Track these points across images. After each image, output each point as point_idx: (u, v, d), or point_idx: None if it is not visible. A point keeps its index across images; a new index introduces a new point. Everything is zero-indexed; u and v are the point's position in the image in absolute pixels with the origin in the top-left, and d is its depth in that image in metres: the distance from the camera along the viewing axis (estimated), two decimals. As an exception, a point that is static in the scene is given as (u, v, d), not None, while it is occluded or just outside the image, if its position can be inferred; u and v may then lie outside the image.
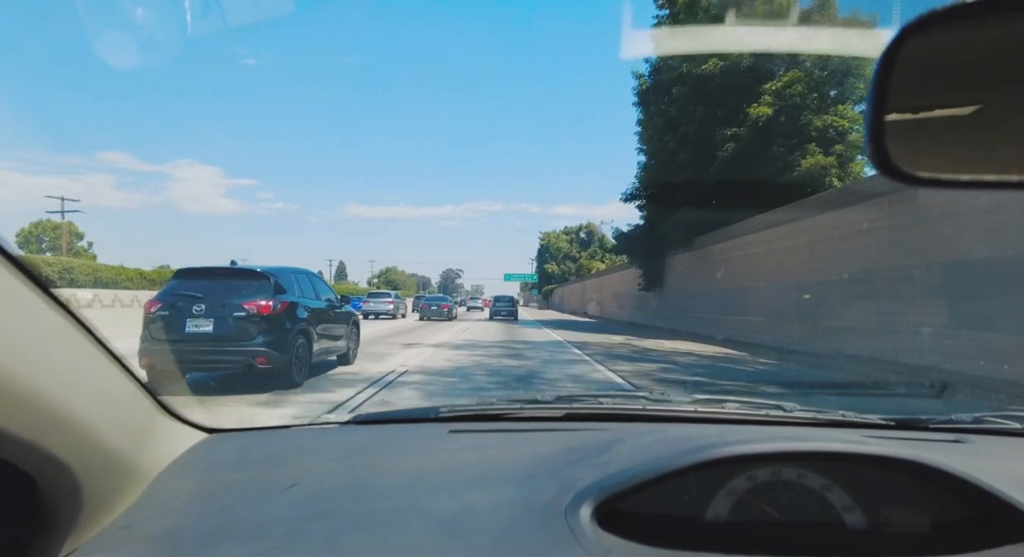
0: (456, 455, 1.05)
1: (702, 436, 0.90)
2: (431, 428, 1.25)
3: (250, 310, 6.34)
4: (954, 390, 7.31)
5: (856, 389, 8.18)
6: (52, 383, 0.64)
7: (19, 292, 0.61)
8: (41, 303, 0.65)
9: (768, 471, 0.85)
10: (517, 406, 1.33)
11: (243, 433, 1.19)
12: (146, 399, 0.91)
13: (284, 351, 6.45)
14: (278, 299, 6.58)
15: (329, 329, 7.86)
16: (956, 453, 1.11)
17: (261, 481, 0.93)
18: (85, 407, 0.70)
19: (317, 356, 7.41)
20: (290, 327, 6.63)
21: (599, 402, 1.37)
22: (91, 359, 0.75)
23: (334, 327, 8.13)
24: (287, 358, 6.49)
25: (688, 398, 1.37)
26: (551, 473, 0.88)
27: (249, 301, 6.38)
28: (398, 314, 29.22)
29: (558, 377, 8.16)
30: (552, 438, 1.10)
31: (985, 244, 8.21)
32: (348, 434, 1.22)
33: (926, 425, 1.27)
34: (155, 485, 0.87)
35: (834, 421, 1.25)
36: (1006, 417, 1.29)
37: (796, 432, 1.06)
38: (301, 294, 7.26)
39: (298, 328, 6.78)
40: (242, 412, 5.39)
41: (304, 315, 7.02)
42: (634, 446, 0.94)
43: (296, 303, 6.93)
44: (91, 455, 0.71)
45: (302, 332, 6.90)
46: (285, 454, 1.07)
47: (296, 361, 6.69)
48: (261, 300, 6.43)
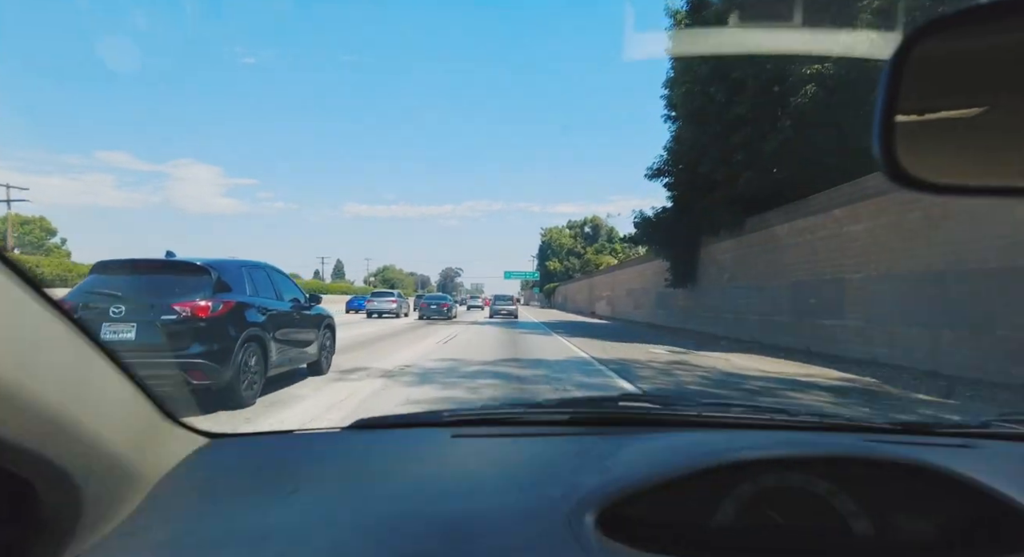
0: (459, 460, 1.05)
1: (707, 441, 0.92)
2: (434, 433, 1.23)
3: (183, 312, 5.11)
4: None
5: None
6: (52, 389, 0.64)
7: (16, 296, 0.61)
8: (39, 307, 0.64)
9: (774, 477, 0.85)
10: (521, 410, 1.33)
11: (245, 438, 1.20)
12: (147, 404, 0.90)
13: (226, 363, 5.21)
14: (220, 298, 5.41)
15: (293, 334, 6.71)
16: (963, 457, 1.08)
17: (263, 487, 0.93)
18: (86, 412, 0.70)
19: (278, 366, 6.29)
20: (236, 333, 5.43)
21: (603, 406, 1.37)
22: (91, 364, 0.74)
23: (300, 332, 6.97)
24: (229, 372, 5.24)
25: (693, 403, 1.38)
26: (555, 479, 0.88)
27: (182, 301, 5.17)
28: (401, 313, 29.22)
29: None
30: (556, 443, 1.12)
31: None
32: (350, 439, 1.21)
33: (933, 429, 1.26)
34: (156, 491, 0.86)
35: (839, 425, 1.26)
36: (1014, 421, 1.29)
37: (802, 437, 1.09)
38: (255, 293, 6.07)
39: (248, 334, 5.57)
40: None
41: (258, 318, 5.87)
42: (639, 451, 0.95)
43: (246, 304, 5.77)
44: (92, 461, 0.71)
45: (254, 339, 5.69)
46: (287, 459, 1.07)
47: (244, 375, 5.48)
48: (198, 299, 5.24)
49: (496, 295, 34.73)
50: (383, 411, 4.64)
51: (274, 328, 6.11)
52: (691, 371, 9.09)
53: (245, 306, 5.71)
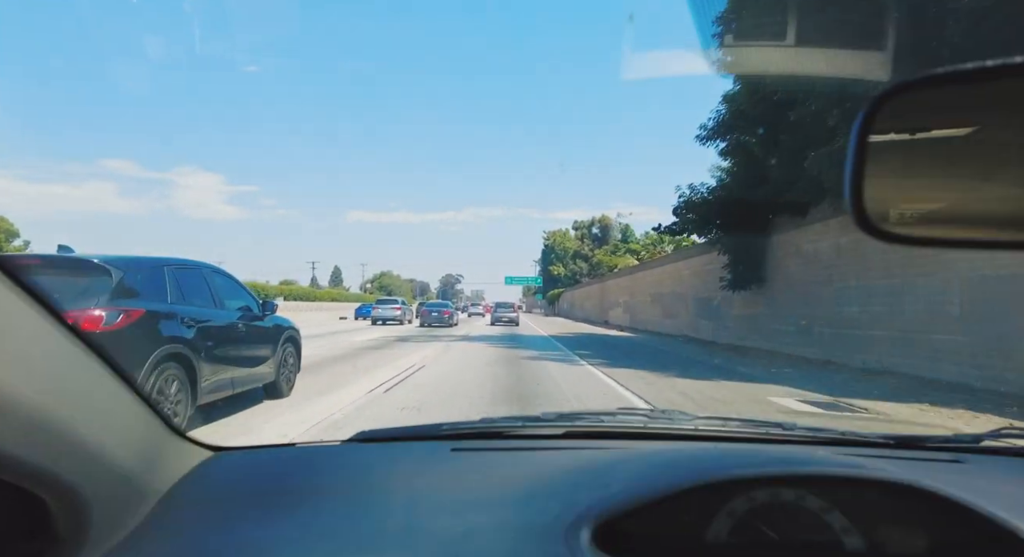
0: (458, 474, 1.06)
1: (703, 457, 0.94)
2: (433, 446, 1.24)
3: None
4: None
5: None
6: (59, 403, 0.64)
7: (23, 312, 0.61)
8: (45, 323, 0.65)
9: (767, 492, 0.85)
10: (519, 424, 1.33)
11: (248, 451, 1.21)
12: (153, 418, 0.91)
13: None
14: (122, 306, 4.16)
15: (239, 351, 5.42)
16: (955, 474, 1.10)
17: (266, 500, 0.94)
18: (93, 428, 0.71)
19: (217, 391, 5.02)
20: (146, 351, 4.15)
21: (600, 420, 1.36)
22: (98, 379, 0.75)
23: (250, 348, 5.63)
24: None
25: (690, 416, 1.36)
26: (552, 493, 0.88)
27: (72, 309, 3.84)
28: (404, 320, 29.89)
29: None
30: (554, 457, 1.13)
31: None
32: (352, 453, 1.23)
33: (925, 444, 1.27)
34: (162, 505, 0.87)
35: (833, 440, 1.27)
36: (1006, 437, 1.29)
37: (796, 452, 1.11)
38: (180, 299, 4.77)
39: (164, 352, 4.30)
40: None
41: (181, 332, 4.58)
42: (635, 466, 0.95)
43: (163, 313, 4.50)
44: (100, 476, 0.72)
45: (173, 358, 4.41)
46: (290, 473, 1.08)
47: (160, 404, 4.13)
48: (90, 308, 3.97)
49: (497, 302, 34.90)
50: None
51: (210, 343, 4.90)
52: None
53: (161, 316, 4.50)
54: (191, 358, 4.55)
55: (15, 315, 0.59)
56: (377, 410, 5.74)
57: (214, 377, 4.90)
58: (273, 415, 5.42)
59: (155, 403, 0.91)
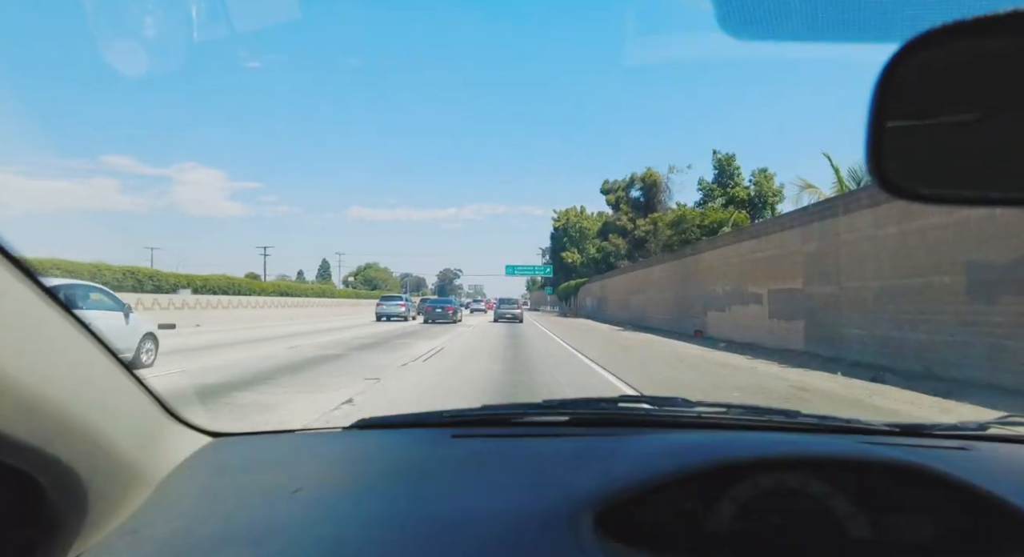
0: (459, 460, 1.05)
1: (706, 443, 0.92)
2: (434, 433, 1.24)
3: None
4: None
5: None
6: (58, 388, 0.64)
7: (22, 295, 0.61)
8: (45, 306, 0.65)
9: (772, 478, 0.84)
10: (521, 411, 1.32)
11: (248, 437, 1.20)
12: (151, 403, 0.91)
13: None
14: None
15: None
16: (961, 460, 1.10)
17: (266, 485, 0.93)
18: (91, 411, 0.71)
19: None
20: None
21: (602, 408, 1.37)
22: (96, 363, 0.75)
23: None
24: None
25: (692, 404, 1.35)
26: (554, 479, 0.88)
27: None
28: (409, 316, 29.95)
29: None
30: (555, 444, 1.12)
31: None
32: (352, 439, 1.23)
33: (931, 432, 1.26)
34: (161, 489, 0.87)
35: (837, 427, 1.25)
36: (1011, 424, 1.28)
37: (800, 438, 1.07)
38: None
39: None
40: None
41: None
42: (637, 453, 0.94)
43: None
44: (97, 459, 0.72)
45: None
46: (290, 458, 1.08)
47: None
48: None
49: (500, 299, 34.35)
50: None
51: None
52: None
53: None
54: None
55: (13, 298, 0.59)
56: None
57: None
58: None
59: (152, 387, 0.90)
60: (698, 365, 10.62)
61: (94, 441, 0.70)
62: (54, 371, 0.64)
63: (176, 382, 7.41)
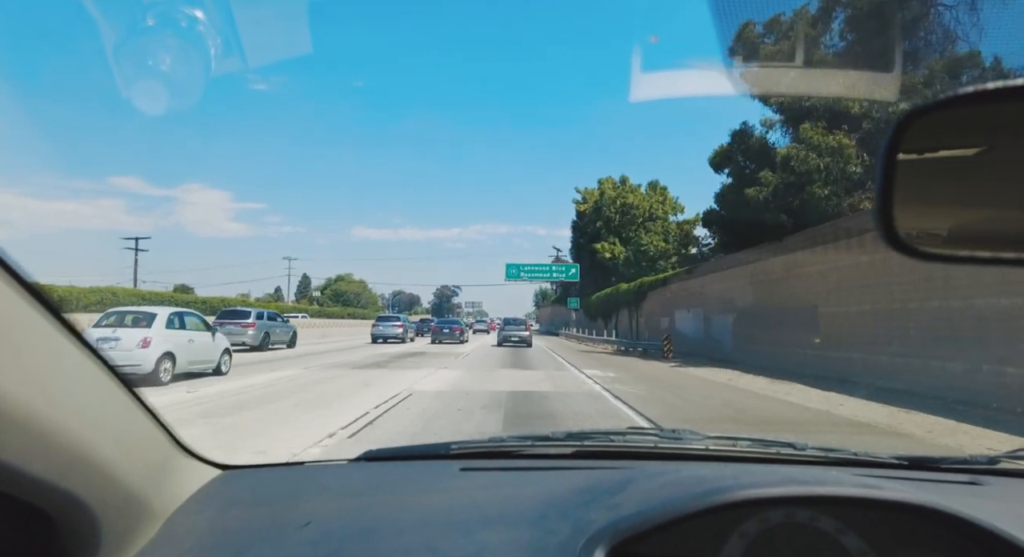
0: (467, 494, 1.04)
1: (715, 477, 0.90)
2: (442, 465, 1.23)
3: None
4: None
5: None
6: (73, 421, 0.63)
7: (38, 327, 0.60)
8: (59, 337, 0.63)
9: (781, 513, 0.84)
10: (528, 443, 1.30)
11: (257, 470, 1.19)
12: (162, 436, 0.91)
13: None
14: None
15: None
16: (971, 496, 1.07)
17: (276, 519, 0.93)
18: (104, 445, 0.70)
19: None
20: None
21: (610, 440, 1.34)
22: (110, 396, 0.75)
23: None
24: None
25: (700, 436, 1.34)
26: (563, 513, 0.86)
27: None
28: (407, 338, 27.77)
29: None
30: (564, 476, 1.10)
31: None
32: (360, 471, 1.22)
33: (940, 465, 1.24)
34: (171, 523, 0.86)
35: (846, 460, 1.22)
36: (1022, 458, 1.25)
37: (809, 472, 1.03)
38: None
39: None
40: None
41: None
42: (647, 487, 0.92)
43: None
44: (109, 493, 0.71)
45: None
46: (298, 492, 1.07)
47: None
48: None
49: (506, 319, 31.30)
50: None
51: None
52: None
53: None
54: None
55: (30, 330, 0.59)
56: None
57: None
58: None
59: (164, 420, 0.90)
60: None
61: (106, 475, 0.69)
62: (69, 404, 0.63)
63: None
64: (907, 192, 0.61)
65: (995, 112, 0.57)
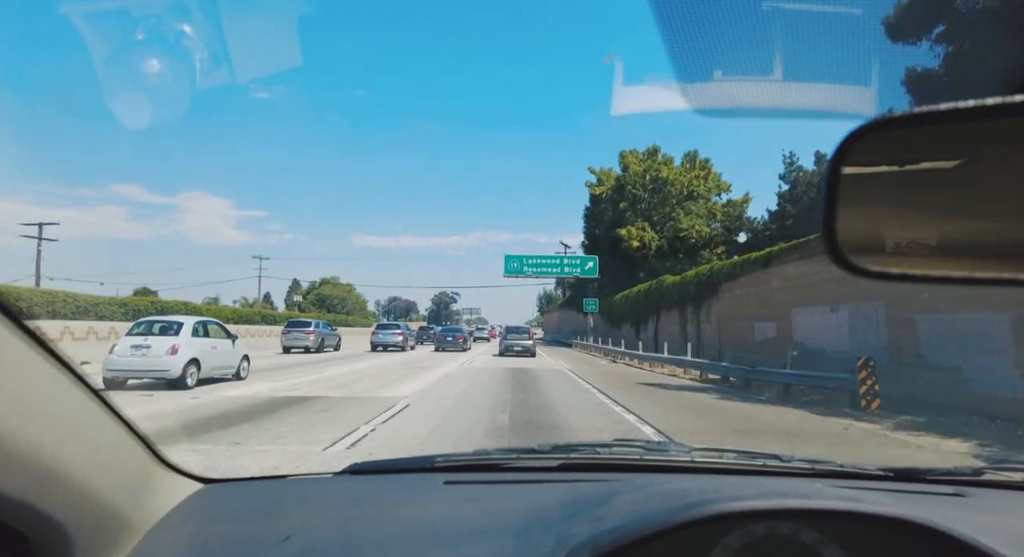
0: (452, 507, 1.04)
1: (699, 490, 0.90)
2: (426, 479, 1.22)
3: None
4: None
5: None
6: (47, 438, 0.62)
7: (10, 344, 0.59)
8: (32, 352, 0.62)
9: (764, 526, 0.84)
10: (513, 456, 1.30)
11: (238, 483, 1.18)
12: (141, 450, 0.90)
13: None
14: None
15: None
16: (956, 508, 1.08)
17: (256, 533, 0.92)
18: (80, 461, 0.69)
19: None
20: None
21: (596, 452, 1.35)
22: (85, 410, 0.74)
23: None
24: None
25: (686, 448, 1.35)
26: (547, 526, 0.87)
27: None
28: (407, 346, 28.05)
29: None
30: (548, 489, 1.10)
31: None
32: (343, 485, 1.21)
33: (925, 477, 1.23)
34: (149, 538, 0.85)
35: (832, 472, 1.23)
36: (1006, 469, 1.27)
37: (792, 484, 1.06)
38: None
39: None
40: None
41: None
42: (630, 500, 0.92)
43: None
44: (86, 510, 0.70)
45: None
46: (280, 505, 1.06)
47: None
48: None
49: (508, 327, 29.29)
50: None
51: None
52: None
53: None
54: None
55: (1, 346, 0.58)
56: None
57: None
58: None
59: (143, 433, 0.89)
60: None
61: (83, 492, 0.68)
62: (43, 420, 0.62)
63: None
64: (853, 208, 0.62)
65: (945, 130, 0.57)
